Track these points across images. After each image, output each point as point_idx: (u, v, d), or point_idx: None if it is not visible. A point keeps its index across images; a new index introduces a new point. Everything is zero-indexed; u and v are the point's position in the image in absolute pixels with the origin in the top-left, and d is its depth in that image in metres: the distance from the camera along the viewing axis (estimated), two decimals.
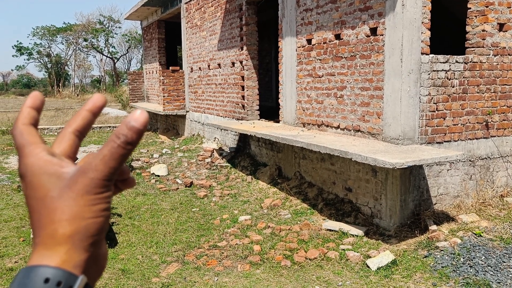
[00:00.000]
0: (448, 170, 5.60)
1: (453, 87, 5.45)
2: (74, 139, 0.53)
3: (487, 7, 5.59)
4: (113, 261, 5.07)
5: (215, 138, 11.25)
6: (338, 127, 6.44)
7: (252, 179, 8.21)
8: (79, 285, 0.46)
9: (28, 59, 48.62)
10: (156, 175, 9.07)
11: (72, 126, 0.53)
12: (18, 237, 5.82)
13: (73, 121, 0.53)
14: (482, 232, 4.87)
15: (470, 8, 5.75)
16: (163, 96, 13.46)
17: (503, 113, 5.89)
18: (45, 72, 50.03)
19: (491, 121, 5.81)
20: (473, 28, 5.74)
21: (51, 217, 0.47)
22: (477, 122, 5.71)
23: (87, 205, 0.48)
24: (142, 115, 0.48)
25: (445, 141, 5.50)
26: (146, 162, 10.26)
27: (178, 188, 8.15)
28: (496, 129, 5.88)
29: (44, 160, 0.49)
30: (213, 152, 10.07)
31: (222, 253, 5.12)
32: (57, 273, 0.45)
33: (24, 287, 0.45)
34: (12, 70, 63.35)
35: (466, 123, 5.63)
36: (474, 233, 4.86)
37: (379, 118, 5.62)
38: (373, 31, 5.64)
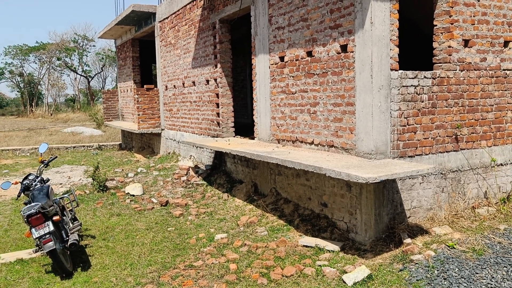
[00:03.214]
0: (420, 183, 5.69)
1: (423, 101, 5.57)
2: None
3: (452, 24, 5.77)
4: (86, 284, 4.93)
5: (191, 156, 11.18)
6: (312, 143, 6.49)
7: (228, 196, 8.16)
8: None
9: None
10: (131, 195, 8.93)
11: None
12: None
13: None
14: (455, 244, 4.94)
15: (436, 25, 5.92)
16: (138, 115, 13.35)
17: (471, 126, 6.04)
18: (18, 91, 49.09)
19: (460, 134, 5.95)
20: (439, 44, 5.91)
21: None
22: (446, 136, 5.83)
23: None
24: None
25: (416, 155, 5.60)
26: (121, 182, 10.09)
27: (153, 208, 8.03)
28: (466, 142, 6.02)
29: None
30: (189, 170, 9.99)
31: (198, 273, 5.04)
32: None
33: None
34: None
35: (436, 136, 5.74)
36: (447, 245, 4.93)
37: (351, 133, 5.68)
38: (344, 48, 5.75)
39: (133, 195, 8.91)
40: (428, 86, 5.61)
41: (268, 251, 5.48)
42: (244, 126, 11.41)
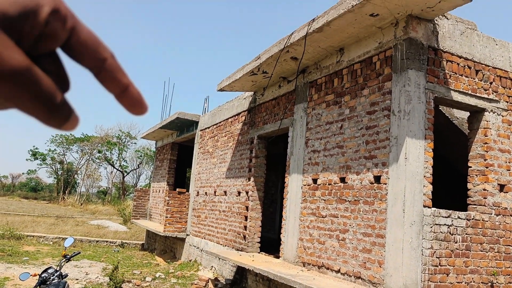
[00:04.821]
0: None
1: (456, 242, 5.41)
2: None
3: (487, 167, 5.81)
4: None
5: (212, 266, 10.92)
6: (338, 271, 6.27)
7: None
8: None
9: (41, 164, 49.79)
10: None
11: None
12: None
13: None
14: None
15: (471, 167, 5.97)
16: (166, 217, 13.43)
17: (508, 275, 5.74)
18: (54, 178, 50.84)
19: (497, 282, 5.63)
20: (474, 186, 5.89)
21: None
22: (482, 282, 5.53)
23: None
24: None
25: None
26: (137, 285, 9.84)
27: None
28: None
29: None
30: (208, 282, 9.70)
31: None
32: None
33: None
34: (23, 173, 64.53)
35: (471, 281, 5.46)
36: None
37: (380, 266, 5.49)
38: (377, 179, 5.81)
39: None
40: (462, 227, 5.49)
41: None
42: (270, 241, 11.23)
